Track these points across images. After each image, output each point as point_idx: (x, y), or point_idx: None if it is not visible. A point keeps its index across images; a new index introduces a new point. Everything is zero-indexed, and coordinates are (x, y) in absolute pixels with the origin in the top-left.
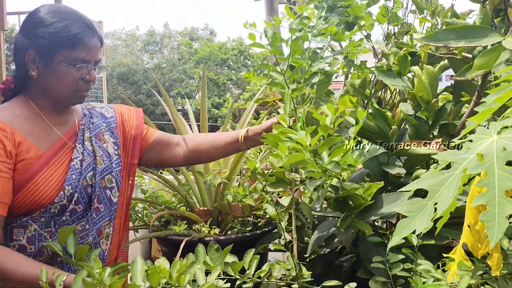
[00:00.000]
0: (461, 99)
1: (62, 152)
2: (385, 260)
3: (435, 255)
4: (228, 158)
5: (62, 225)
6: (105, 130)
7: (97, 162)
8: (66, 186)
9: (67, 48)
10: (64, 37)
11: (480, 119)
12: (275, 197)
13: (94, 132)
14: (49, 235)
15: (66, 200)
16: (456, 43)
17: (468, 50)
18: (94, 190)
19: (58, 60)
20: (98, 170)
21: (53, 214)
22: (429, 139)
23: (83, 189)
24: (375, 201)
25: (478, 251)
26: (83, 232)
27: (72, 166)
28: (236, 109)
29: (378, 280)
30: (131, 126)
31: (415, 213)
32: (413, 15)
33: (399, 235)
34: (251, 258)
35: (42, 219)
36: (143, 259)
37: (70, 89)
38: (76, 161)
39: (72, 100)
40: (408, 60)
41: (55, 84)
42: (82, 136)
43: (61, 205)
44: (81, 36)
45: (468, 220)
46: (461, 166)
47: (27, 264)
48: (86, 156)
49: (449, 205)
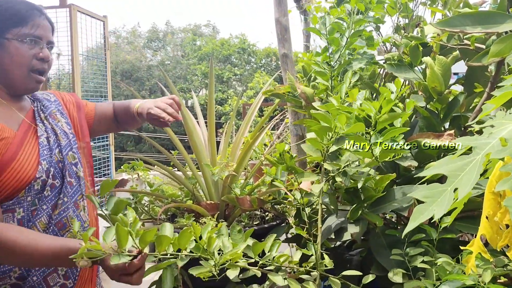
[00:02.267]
0: (474, 90)
1: (30, 132)
2: (404, 253)
3: (448, 249)
4: (235, 151)
5: (45, 201)
6: (55, 111)
7: (59, 138)
8: (42, 161)
9: (16, 25)
10: (13, 15)
11: (498, 102)
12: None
13: (47, 112)
14: (35, 213)
15: (45, 175)
16: (472, 29)
17: (481, 40)
18: (64, 165)
19: (9, 37)
20: (62, 146)
21: (36, 191)
22: (441, 132)
23: (56, 164)
24: (386, 193)
25: (497, 243)
26: (63, 205)
27: (41, 143)
28: (240, 106)
29: (398, 272)
30: (74, 108)
31: (433, 198)
32: (423, 7)
33: (415, 220)
34: (272, 242)
35: (28, 198)
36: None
37: (24, 68)
38: (43, 138)
39: (27, 83)
40: (419, 50)
41: (8, 62)
42: (39, 116)
43: (42, 181)
44: (28, 14)
45: (487, 211)
46: (483, 151)
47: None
48: (50, 133)
49: (470, 190)
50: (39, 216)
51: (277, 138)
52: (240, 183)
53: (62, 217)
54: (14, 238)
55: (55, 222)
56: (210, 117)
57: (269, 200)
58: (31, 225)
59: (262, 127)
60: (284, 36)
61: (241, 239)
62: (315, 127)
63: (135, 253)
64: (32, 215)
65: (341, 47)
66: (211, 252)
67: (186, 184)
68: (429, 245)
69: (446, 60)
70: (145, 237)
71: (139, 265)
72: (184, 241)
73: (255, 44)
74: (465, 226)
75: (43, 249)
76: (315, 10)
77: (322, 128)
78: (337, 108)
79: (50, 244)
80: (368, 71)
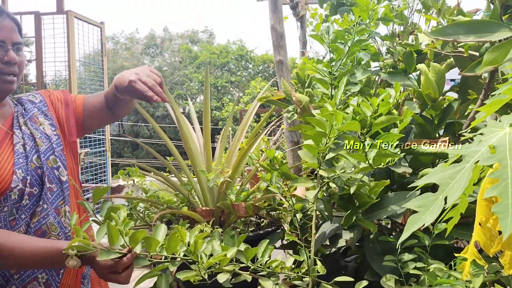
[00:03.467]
0: (468, 97)
1: (6, 141)
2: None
3: (442, 255)
4: (231, 157)
5: (24, 210)
6: (38, 113)
7: (38, 144)
8: (16, 170)
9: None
10: None
11: (489, 110)
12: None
13: (27, 116)
14: (13, 223)
15: (22, 184)
16: (465, 37)
17: (475, 48)
18: (43, 171)
19: None
20: (41, 151)
21: (14, 201)
22: (435, 138)
23: (33, 171)
24: (381, 200)
25: (490, 249)
26: (43, 212)
27: (17, 150)
28: (237, 111)
29: (390, 278)
30: (61, 106)
31: (426, 208)
32: (418, 14)
33: (409, 230)
34: (264, 248)
35: (5, 208)
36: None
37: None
38: (19, 146)
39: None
40: (414, 57)
41: None
42: (17, 122)
43: (19, 190)
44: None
45: (479, 217)
46: (473, 158)
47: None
48: (27, 140)
49: (459, 198)
50: (18, 225)
51: (273, 144)
52: (236, 189)
53: (42, 224)
54: (3, 240)
55: (34, 230)
56: (205, 123)
57: (264, 207)
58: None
59: (258, 133)
60: (279, 43)
61: (233, 245)
62: (310, 132)
63: (124, 251)
64: (10, 225)
65: (343, 55)
66: (197, 255)
67: (182, 190)
68: (422, 252)
69: (440, 67)
70: (135, 237)
71: (127, 263)
72: (173, 244)
73: (253, 50)
74: (459, 233)
75: (32, 250)
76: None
77: (317, 133)
78: (331, 113)
79: (39, 245)
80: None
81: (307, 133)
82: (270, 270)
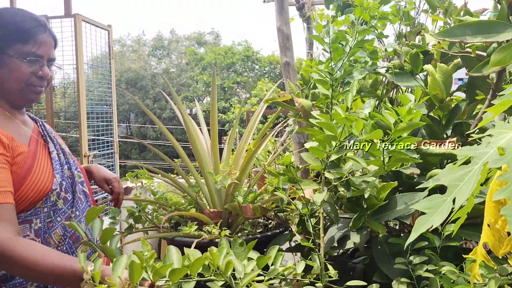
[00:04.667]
0: (476, 97)
1: (39, 147)
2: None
3: (451, 256)
4: (238, 158)
5: (59, 213)
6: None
7: (67, 157)
8: (56, 174)
9: (18, 42)
10: (16, 31)
11: (497, 111)
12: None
13: (52, 133)
14: (50, 225)
15: (59, 188)
16: (472, 38)
17: (482, 48)
18: (73, 180)
19: (10, 53)
20: (71, 163)
21: (52, 203)
22: (443, 139)
23: (67, 178)
24: (389, 201)
25: (499, 251)
26: (76, 218)
27: (53, 157)
28: (243, 113)
29: (403, 281)
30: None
31: (434, 209)
32: (425, 14)
33: (417, 231)
34: (276, 254)
35: (45, 209)
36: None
37: (22, 82)
38: (54, 154)
39: (26, 96)
40: (420, 58)
41: (7, 78)
42: (48, 135)
43: (57, 193)
44: (32, 31)
45: (488, 218)
46: (481, 160)
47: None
48: (59, 151)
49: (467, 199)
50: (54, 227)
51: (280, 145)
52: (243, 191)
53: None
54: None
55: (69, 235)
56: (213, 125)
57: (272, 208)
58: (47, 236)
59: (265, 135)
60: (286, 45)
61: (243, 253)
62: (320, 136)
63: (146, 286)
64: (47, 226)
65: (344, 56)
66: (229, 277)
67: (189, 192)
68: (432, 253)
69: (447, 68)
70: (160, 271)
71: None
72: (196, 268)
73: (259, 51)
74: (468, 234)
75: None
76: (319, 17)
77: (327, 137)
78: (345, 117)
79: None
80: (370, 79)
81: (316, 138)
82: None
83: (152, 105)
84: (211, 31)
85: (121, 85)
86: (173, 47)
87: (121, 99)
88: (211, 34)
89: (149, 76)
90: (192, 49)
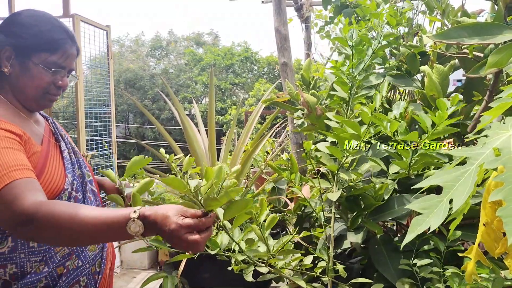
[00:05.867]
0: (473, 98)
1: (51, 146)
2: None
3: (447, 257)
4: (236, 159)
5: None
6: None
7: (78, 156)
8: (68, 174)
9: (46, 51)
10: (45, 41)
11: (495, 114)
12: (283, 198)
13: (63, 132)
14: None
15: (70, 188)
16: (469, 40)
17: (479, 49)
18: (84, 180)
19: (36, 61)
20: (81, 162)
21: None
22: (440, 140)
23: (77, 178)
24: (386, 202)
25: (495, 251)
26: None
27: (65, 157)
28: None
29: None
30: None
31: (430, 210)
32: (422, 15)
33: (413, 232)
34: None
35: None
36: None
37: (40, 90)
38: (66, 153)
39: (41, 102)
40: (417, 59)
41: (27, 83)
42: (59, 134)
43: (69, 193)
44: (61, 42)
45: (484, 218)
46: (477, 161)
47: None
48: (70, 150)
49: (465, 200)
50: None
51: (278, 146)
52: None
53: None
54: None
55: None
56: (210, 125)
57: (270, 209)
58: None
59: (263, 135)
60: (284, 45)
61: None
62: (344, 134)
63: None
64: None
65: (367, 59)
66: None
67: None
68: (433, 255)
69: (443, 69)
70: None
71: (209, 223)
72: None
73: (258, 52)
74: (466, 234)
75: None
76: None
77: (351, 135)
78: (374, 116)
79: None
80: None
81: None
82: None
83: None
84: (210, 31)
85: (120, 85)
86: (171, 48)
87: (120, 99)
88: (210, 34)
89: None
90: (191, 49)
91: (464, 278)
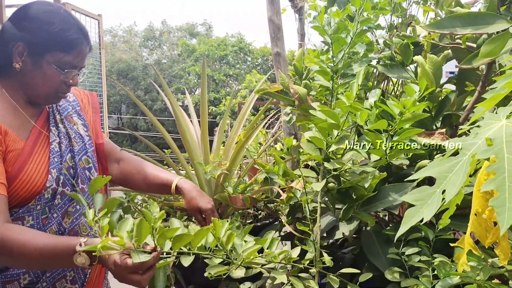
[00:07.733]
0: (465, 89)
1: (40, 139)
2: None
3: (439, 246)
4: (228, 149)
5: (56, 209)
6: (72, 112)
7: (73, 144)
8: (51, 170)
9: (61, 51)
10: (61, 41)
11: (488, 105)
12: (276, 188)
13: (63, 114)
14: (46, 221)
15: (55, 183)
16: (462, 30)
17: (472, 39)
18: (75, 171)
19: (49, 60)
20: (75, 151)
21: (47, 200)
22: (432, 130)
23: (66, 170)
24: (378, 192)
25: (486, 240)
26: (76, 213)
27: (52, 149)
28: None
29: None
30: (90, 108)
31: (423, 201)
32: (416, 6)
33: (407, 224)
34: (271, 239)
35: (38, 206)
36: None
37: (51, 89)
38: (55, 144)
39: (50, 100)
40: (410, 49)
41: (38, 81)
42: (54, 119)
43: (53, 189)
44: (77, 42)
45: (475, 208)
46: (470, 151)
47: (44, 234)
48: (62, 138)
49: (458, 191)
50: (50, 224)
51: (271, 137)
52: (234, 181)
53: (75, 225)
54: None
55: (68, 230)
56: (203, 116)
57: (262, 199)
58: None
59: (255, 126)
60: (277, 35)
61: (240, 235)
62: (323, 124)
63: (149, 249)
64: (43, 223)
65: (345, 47)
66: (229, 250)
67: None
68: (422, 244)
69: (437, 59)
70: (166, 234)
71: (152, 263)
72: (199, 238)
73: (251, 43)
74: (457, 224)
75: (42, 246)
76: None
77: (330, 125)
78: (349, 105)
79: (48, 241)
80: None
81: (319, 125)
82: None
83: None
84: (203, 22)
85: (112, 76)
86: (164, 38)
87: (112, 90)
88: (203, 25)
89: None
90: (184, 40)
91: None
